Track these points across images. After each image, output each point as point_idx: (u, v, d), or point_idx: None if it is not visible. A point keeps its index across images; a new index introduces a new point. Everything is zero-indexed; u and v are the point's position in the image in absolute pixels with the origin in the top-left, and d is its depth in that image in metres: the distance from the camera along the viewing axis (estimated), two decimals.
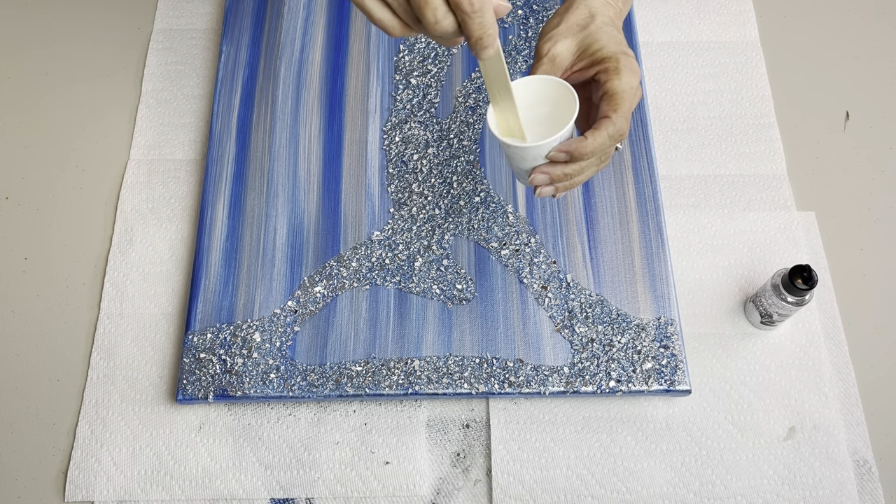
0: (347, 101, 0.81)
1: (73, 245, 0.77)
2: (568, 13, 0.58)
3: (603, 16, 0.58)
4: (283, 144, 0.78)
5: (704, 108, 0.83)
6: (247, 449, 0.67)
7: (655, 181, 0.76)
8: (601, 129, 0.54)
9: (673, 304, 0.70)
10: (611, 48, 0.56)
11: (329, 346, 0.69)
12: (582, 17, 0.58)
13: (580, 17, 0.58)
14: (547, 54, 0.57)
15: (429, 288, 0.71)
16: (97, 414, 0.69)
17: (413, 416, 0.69)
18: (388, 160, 0.78)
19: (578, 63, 0.58)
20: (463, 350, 0.69)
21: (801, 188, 0.79)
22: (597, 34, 0.57)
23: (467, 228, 0.74)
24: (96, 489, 0.66)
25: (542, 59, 0.57)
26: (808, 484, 0.66)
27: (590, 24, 0.57)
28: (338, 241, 0.74)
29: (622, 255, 0.73)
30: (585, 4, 0.58)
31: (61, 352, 0.72)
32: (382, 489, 0.66)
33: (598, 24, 0.57)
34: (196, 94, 0.84)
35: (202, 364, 0.68)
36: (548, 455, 0.67)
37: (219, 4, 0.90)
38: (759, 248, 0.75)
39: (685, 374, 0.67)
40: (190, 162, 0.80)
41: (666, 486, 0.66)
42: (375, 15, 0.47)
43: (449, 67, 0.83)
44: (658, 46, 0.87)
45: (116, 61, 0.87)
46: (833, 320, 0.73)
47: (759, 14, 0.89)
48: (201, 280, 0.72)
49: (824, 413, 0.68)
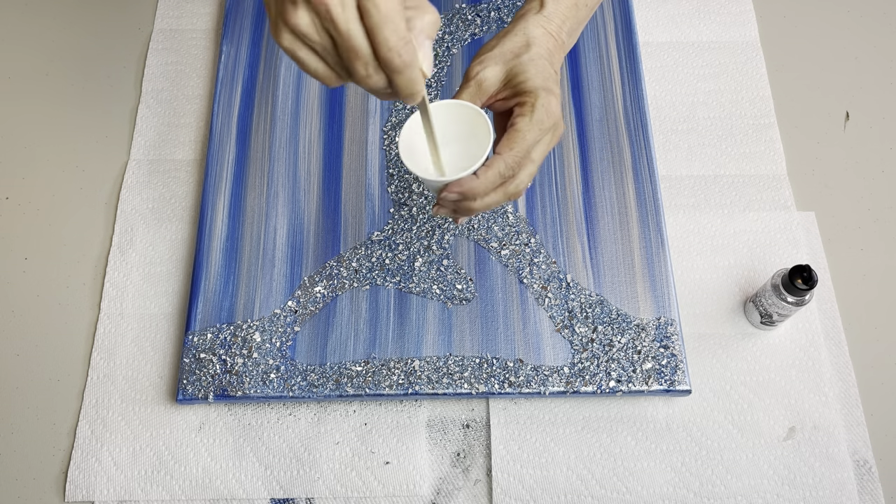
0: (347, 101, 0.81)
1: (73, 245, 0.77)
2: (505, 38, 0.57)
3: (539, 47, 0.56)
4: (283, 144, 0.78)
5: (704, 108, 0.83)
6: (247, 449, 0.67)
7: (655, 181, 0.76)
8: (492, 168, 0.53)
9: (673, 304, 0.70)
10: (534, 82, 0.55)
11: (329, 346, 0.69)
12: (517, 45, 0.56)
13: (515, 45, 0.56)
14: (475, 77, 0.56)
15: (429, 288, 0.71)
16: (97, 414, 0.69)
17: (413, 416, 0.69)
18: (388, 160, 0.78)
19: (503, 91, 0.56)
20: (463, 350, 0.69)
21: (801, 188, 0.79)
22: (526, 65, 0.55)
23: (467, 228, 0.74)
24: (96, 489, 0.66)
25: (470, 81, 0.56)
26: (808, 484, 0.66)
27: (522, 54, 0.56)
28: (338, 241, 0.74)
29: (622, 255, 0.73)
30: (524, 33, 0.57)
31: (61, 352, 0.72)
32: (382, 489, 0.66)
33: (531, 56, 0.56)
34: (196, 94, 0.84)
35: (202, 364, 0.68)
36: (548, 455, 0.67)
37: (219, 4, 0.90)
38: (759, 248, 0.75)
39: (685, 374, 0.67)
40: (190, 162, 0.80)
41: (666, 486, 0.66)
42: (310, 67, 0.47)
43: (449, 67, 0.83)
44: (658, 46, 0.87)
45: (116, 61, 0.87)
46: (833, 320, 0.73)
47: (759, 14, 0.89)
48: (201, 280, 0.72)
49: (824, 413, 0.68)
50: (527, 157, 0.54)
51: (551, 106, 0.55)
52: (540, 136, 0.54)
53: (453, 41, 0.84)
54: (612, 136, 0.78)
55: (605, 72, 0.82)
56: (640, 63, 0.82)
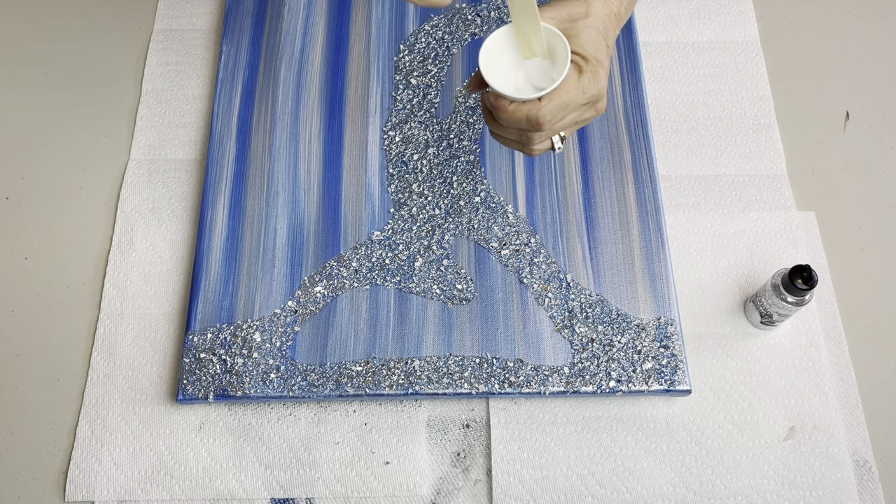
0: (347, 101, 0.81)
1: (73, 245, 0.77)
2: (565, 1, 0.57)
3: (597, 18, 0.57)
4: (284, 144, 0.78)
5: (704, 108, 0.83)
6: (247, 449, 0.67)
7: (655, 181, 0.76)
8: (522, 108, 0.54)
9: (673, 304, 0.70)
10: (587, 49, 0.55)
11: (329, 346, 0.69)
12: (576, 11, 0.57)
13: (574, 10, 0.57)
14: None
15: (429, 288, 0.71)
16: (97, 414, 0.69)
17: (413, 416, 0.69)
18: (389, 160, 0.78)
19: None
20: (463, 350, 0.69)
21: (801, 188, 0.79)
22: (582, 30, 0.56)
23: (467, 228, 0.74)
24: (96, 489, 0.66)
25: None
26: (808, 484, 0.66)
27: (579, 20, 0.56)
28: (338, 241, 0.74)
29: (622, 255, 0.73)
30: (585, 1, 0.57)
31: (61, 352, 0.72)
32: (382, 489, 0.66)
33: (587, 23, 0.56)
34: (196, 94, 0.84)
35: (202, 364, 0.68)
36: (548, 455, 0.67)
37: (219, 4, 0.90)
38: (759, 248, 0.75)
39: (685, 374, 0.67)
40: (190, 162, 0.80)
41: (666, 486, 0.66)
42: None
43: (449, 67, 0.83)
44: (658, 46, 0.87)
45: (116, 61, 0.87)
46: (833, 320, 0.73)
47: (759, 14, 0.89)
48: (201, 280, 0.72)
49: (824, 413, 0.68)
50: (556, 115, 0.54)
51: (599, 76, 0.54)
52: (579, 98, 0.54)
53: (453, 41, 0.84)
54: (612, 136, 0.78)
55: None
56: (640, 63, 0.82)
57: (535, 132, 0.56)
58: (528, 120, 0.54)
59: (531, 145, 0.58)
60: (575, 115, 0.56)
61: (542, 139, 0.57)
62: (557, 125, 0.56)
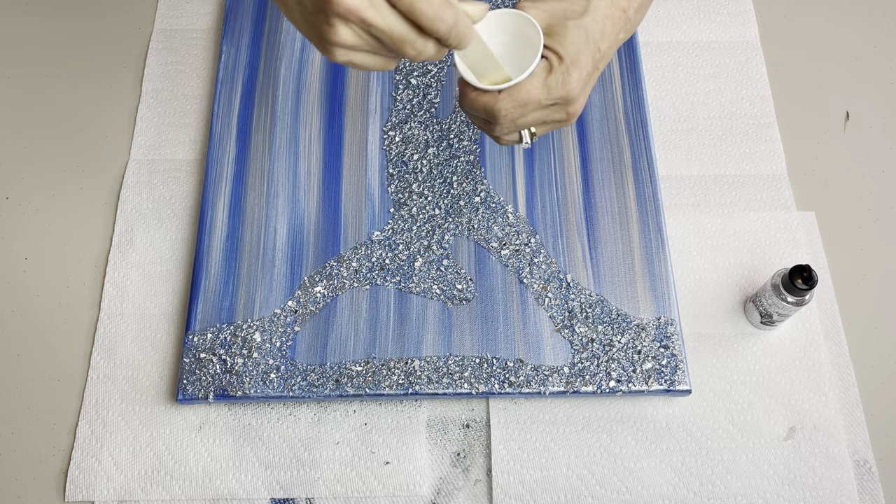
0: (347, 101, 0.81)
1: (73, 245, 0.77)
2: None
3: (594, 20, 0.54)
4: (283, 144, 0.78)
5: (704, 108, 0.83)
6: (247, 449, 0.67)
7: (655, 181, 0.76)
8: (482, 97, 0.53)
9: (673, 304, 0.70)
10: (567, 49, 0.53)
11: (329, 346, 0.69)
12: (572, 7, 0.54)
13: (571, 7, 0.54)
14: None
15: (429, 288, 0.71)
16: (97, 414, 0.69)
17: (413, 416, 0.69)
18: (388, 160, 0.78)
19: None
20: (463, 350, 0.69)
21: (801, 188, 0.79)
22: (571, 30, 0.53)
23: (467, 228, 0.74)
24: (96, 489, 0.66)
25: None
26: (808, 484, 0.66)
27: (571, 18, 0.53)
28: (338, 241, 0.74)
29: (622, 255, 0.73)
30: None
31: (61, 352, 0.72)
32: (382, 489, 0.66)
33: (580, 22, 0.53)
34: (196, 94, 0.84)
35: (202, 364, 0.68)
36: (548, 455, 0.67)
37: (219, 4, 0.90)
38: (759, 248, 0.75)
39: (685, 374, 0.67)
40: (190, 162, 0.80)
41: (666, 486, 0.66)
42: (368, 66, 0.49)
43: (449, 67, 0.83)
44: (658, 46, 0.87)
45: (116, 61, 0.87)
46: (833, 320, 0.73)
47: (759, 14, 0.89)
48: (201, 280, 0.72)
49: (824, 413, 0.68)
50: (515, 111, 0.53)
51: (570, 78, 0.52)
52: (542, 97, 0.53)
53: None
54: (612, 136, 0.78)
55: (604, 71, 0.82)
56: (640, 63, 0.82)
57: (494, 124, 0.55)
58: (485, 111, 0.54)
59: (493, 135, 0.57)
60: (539, 114, 0.54)
61: (505, 132, 0.56)
62: (519, 121, 0.54)
